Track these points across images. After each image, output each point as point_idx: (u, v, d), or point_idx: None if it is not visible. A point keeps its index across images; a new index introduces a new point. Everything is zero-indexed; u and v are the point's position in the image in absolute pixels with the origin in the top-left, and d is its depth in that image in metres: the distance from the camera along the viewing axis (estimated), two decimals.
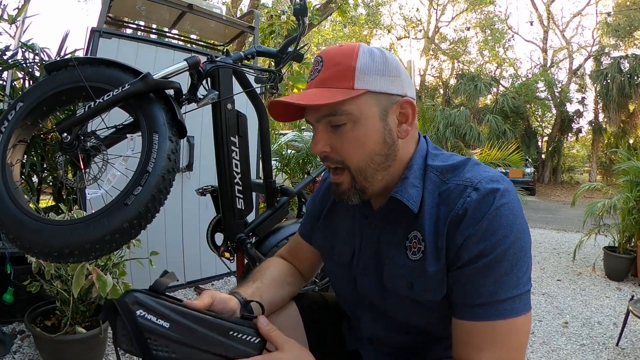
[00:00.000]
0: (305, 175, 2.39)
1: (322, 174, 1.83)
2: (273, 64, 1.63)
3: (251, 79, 1.61)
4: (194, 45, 3.60)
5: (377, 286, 0.84)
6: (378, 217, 0.83)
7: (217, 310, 0.77)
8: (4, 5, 2.51)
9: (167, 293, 0.73)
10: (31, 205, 1.54)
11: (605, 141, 15.74)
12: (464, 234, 0.70)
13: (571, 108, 16.21)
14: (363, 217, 0.88)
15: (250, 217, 1.65)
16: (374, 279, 0.84)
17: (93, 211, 1.09)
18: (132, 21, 3.93)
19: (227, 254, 1.60)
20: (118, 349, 0.66)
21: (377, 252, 0.84)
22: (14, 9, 2.58)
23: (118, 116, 1.29)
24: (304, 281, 1.08)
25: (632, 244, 3.58)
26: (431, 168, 0.78)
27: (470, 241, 0.70)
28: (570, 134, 17.01)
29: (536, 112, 17.26)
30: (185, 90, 1.34)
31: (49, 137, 2.20)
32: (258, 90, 1.68)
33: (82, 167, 1.21)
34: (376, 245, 0.84)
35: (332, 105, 0.72)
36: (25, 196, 1.35)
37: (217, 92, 1.41)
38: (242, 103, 1.63)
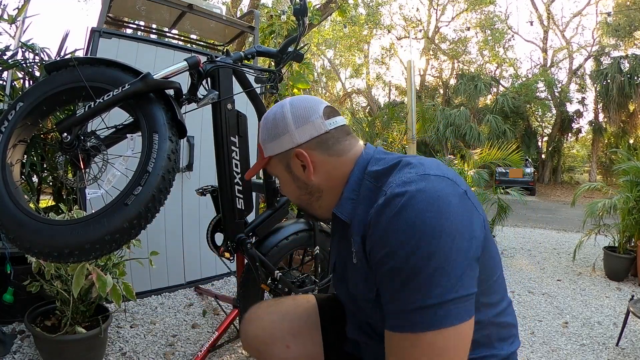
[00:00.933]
0: None
1: None
2: (273, 64, 1.63)
3: (251, 79, 1.61)
4: (194, 45, 3.60)
5: (347, 292, 0.91)
6: (335, 231, 0.95)
7: None
8: (4, 5, 2.51)
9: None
10: (31, 205, 1.54)
11: (605, 141, 15.73)
12: (370, 241, 0.73)
13: (571, 108, 16.23)
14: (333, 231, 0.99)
15: (250, 217, 1.65)
16: (344, 286, 0.91)
17: (93, 211, 1.09)
18: (132, 21, 3.93)
19: (227, 254, 1.60)
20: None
21: (343, 261, 0.91)
22: (14, 9, 2.58)
23: (118, 116, 1.29)
24: None
25: (632, 244, 3.58)
26: (367, 175, 0.82)
27: (374, 249, 0.71)
28: (570, 134, 17.01)
29: (536, 112, 17.25)
30: (185, 90, 1.34)
31: (49, 137, 2.20)
32: (258, 90, 1.68)
33: (82, 167, 1.21)
34: (342, 255, 0.92)
35: (263, 168, 0.96)
36: (25, 196, 1.35)
37: (217, 92, 1.41)
38: (242, 103, 1.63)
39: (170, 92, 1.26)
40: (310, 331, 0.99)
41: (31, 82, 2.41)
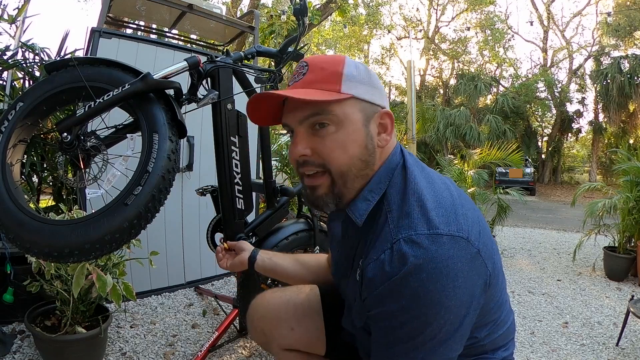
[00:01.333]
0: None
1: None
2: (273, 64, 1.63)
3: (251, 79, 1.61)
4: (194, 45, 3.60)
5: (344, 290, 0.90)
6: (346, 231, 0.87)
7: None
8: (4, 5, 2.51)
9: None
10: (31, 205, 1.54)
11: (605, 141, 15.73)
12: (367, 290, 0.70)
13: (571, 108, 16.22)
14: (340, 228, 0.92)
15: (250, 217, 1.65)
16: (344, 283, 0.89)
17: (93, 211, 1.09)
18: (132, 21, 3.93)
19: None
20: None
21: (347, 260, 0.87)
22: (14, 9, 2.58)
23: (118, 116, 1.29)
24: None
25: (632, 244, 3.58)
26: (386, 198, 0.74)
27: (370, 300, 0.70)
28: (570, 134, 17.01)
29: (536, 112, 17.25)
30: (185, 90, 1.34)
31: (49, 137, 2.20)
32: (258, 90, 1.68)
33: (82, 167, 1.21)
34: (346, 253, 0.87)
35: (318, 105, 0.72)
36: (25, 196, 1.35)
37: (217, 92, 1.41)
38: (242, 103, 1.63)
39: (170, 92, 1.26)
40: (312, 316, 1.03)
41: (31, 82, 2.41)
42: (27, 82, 2.44)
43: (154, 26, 3.61)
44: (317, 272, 1.15)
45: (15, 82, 2.44)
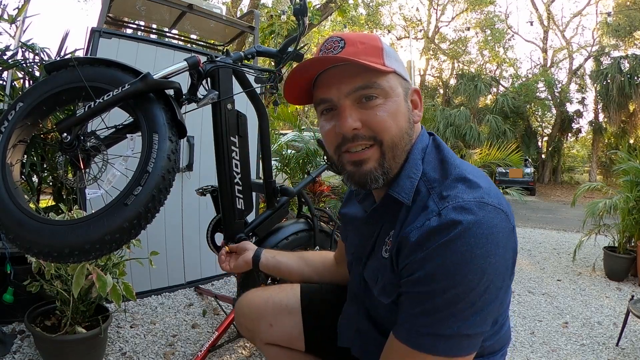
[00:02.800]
0: (305, 175, 2.39)
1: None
2: (273, 64, 1.63)
3: (251, 79, 1.61)
4: (194, 45, 3.60)
5: (360, 276, 0.89)
6: (377, 211, 0.85)
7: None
8: (4, 5, 2.51)
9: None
10: (31, 205, 1.54)
11: (605, 141, 15.73)
12: (409, 257, 0.68)
13: (571, 108, 16.24)
14: (366, 210, 0.91)
15: (250, 217, 1.65)
16: (359, 268, 0.89)
17: (93, 211, 1.09)
18: (132, 21, 3.93)
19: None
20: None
21: (372, 245, 0.85)
22: (14, 9, 2.58)
23: (118, 116, 1.29)
24: (340, 281, 1.14)
25: (632, 244, 3.58)
26: (423, 175, 0.75)
27: (412, 266, 0.68)
28: (570, 134, 17.01)
29: (536, 112, 17.25)
30: (185, 90, 1.34)
31: (49, 137, 2.20)
32: (258, 90, 1.68)
33: (82, 167, 1.21)
34: (373, 239, 0.86)
35: (367, 78, 0.72)
36: (25, 196, 1.35)
37: (217, 92, 1.41)
38: (242, 103, 1.63)
39: (170, 92, 1.26)
40: (290, 313, 1.08)
41: (31, 82, 2.41)
42: (27, 82, 2.44)
43: (154, 26, 3.61)
44: (321, 270, 1.17)
45: (15, 82, 2.44)
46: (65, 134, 1.16)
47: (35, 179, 2.44)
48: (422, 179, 0.74)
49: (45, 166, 2.41)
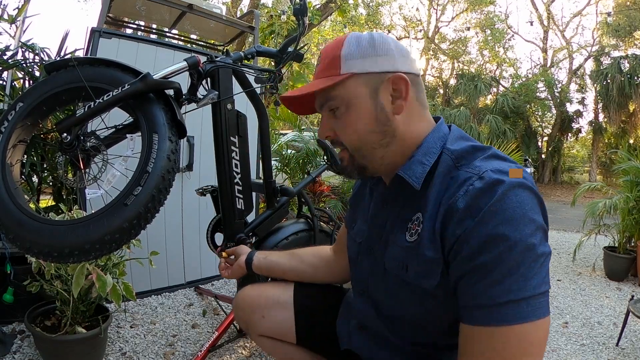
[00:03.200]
0: (305, 175, 2.39)
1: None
2: (273, 64, 1.63)
3: (251, 79, 1.61)
4: (194, 45, 3.60)
5: (378, 267, 0.85)
6: (388, 197, 0.85)
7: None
8: (4, 5, 2.51)
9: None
10: (31, 205, 1.54)
11: (605, 141, 15.73)
12: (462, 225, 0.66)
13: (571, 108, 16.20)
14: (378, 196, 0.90)
15: (250, 217, 1.65)
16: (377, 260, 0.85)
17: (93, 211, 1.09)
18: (132, 21, 3.93)
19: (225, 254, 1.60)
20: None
21: (385, 232, 0.84)
22: (14, 9, 2.58)
23: (118, 116, 1.29)
24: (337, 274, 1.15)
25: (632, 244, 3.58)
26: (447, 150, 0.75)
27: (469, 235, 0.65)
28: (570, 134, 16.99)
29: (536, 112, 17.23)
30: (185, 90, 1.34)
31: (49, 137, 2.20)
32: (258, 90, 1.68)
33: (82, 167, 1.21)
34: (385, 225, 0.84)
35: (324, 92, 0.78)
36: (25, 196, 1.35)
37: (217, 92, 1.41)
38: (242, 103, 1.63)
39: (170, 92, 1.26)
40: (282, 307, 1.12)
41: (31, 82, 2.41)
42: (27, 82, 2.44)
43: (154, 26, 3.61)
44: (315, 265, 1.17)
45: (15, 82, 2.44)
46: (65, 134, 1.16)
47: (35, 179, 2.43)
48: (448, 155, 0.75)
49: (45, 166, 2.41)
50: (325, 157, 1.18)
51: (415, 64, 0.80)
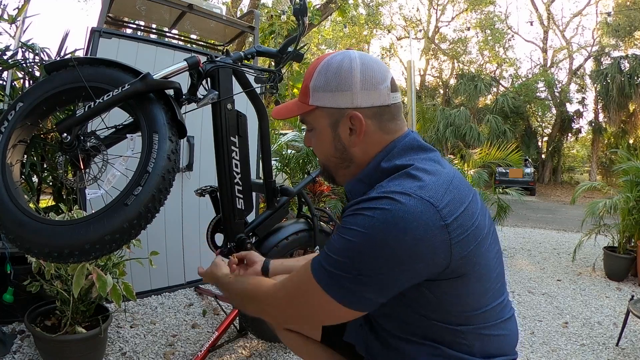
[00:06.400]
0: (305, 175, 2.39)
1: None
2: (273, 64, 1.63)
3: (251, 79, 1.61)
4: (194, 45, 3.60)
5: None
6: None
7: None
8: (4, 5, 2.51)
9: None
10: (31, 205, 1.54)
11: (605, 141, 15.73)
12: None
13: (571, 108, 16.21)
14: None
15: (250, 217, 1.65)
16: None
17: (93, 211, 1.09)
18: (132, 21, 3.93)
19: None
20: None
21: None
22: (14, 9, 2.58)
23: (118, 116, 1.29)
24: None
25: (632, 244, 3.58)
26: (380, 170, 0.82)
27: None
28: (570, 134, 16.99)
29: (536, 112, 17.24)
30: (185, 90, 1.34)
31: (49, 137, 2.20)
32: (258, 90, 1.68)
33: (82, 167, 1.21)
34: None
35: (301, 116, 0.89)
36: (25, 196, 1.35)
37: (217, 92, 1.41)
38: (242, 103, 1.63)
39: (170, 92, 1.26)
40: None
41: (31, 82, 2.41)
42: (27, 82, 2.44)
43: (154, 26, 3.61)
44: None
45: (15, 82, 2.44)
46: (65, 134, 1.16)
47: (35, 179, 2.43)
48: (379, 173, 0.82)
49: (45, 166, 2.41)
50: None
51: (384, 92, 0.83)
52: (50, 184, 2.50)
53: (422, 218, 0.69)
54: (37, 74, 2.42)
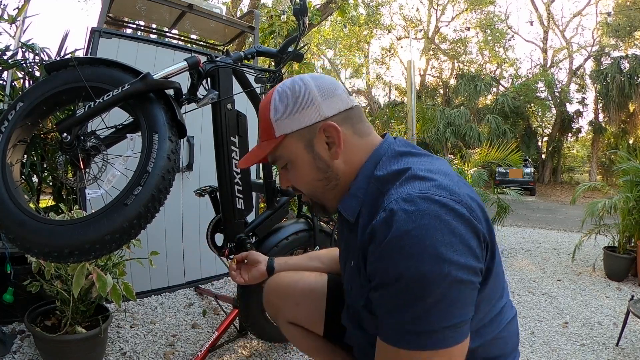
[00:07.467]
0: None
1: None
2: (273, 64, 1.63)
3: (251, 79, 1.61)
4: (194, 45, 3.60)
5: (345, 281, 0.93)
6: (340, 226, 0.93)
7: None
8: (4, 5, 2.51)
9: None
10: (31, 205, 1.54)
11: (605, 141, 15.73)
12: (372, 257, 0.69)
13: (571, 108, 16.22)
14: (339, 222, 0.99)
15: (250, 217, 1.65)
16: (343, 277, 0.94)
17: (93, 211, 1.09)
18: (132, 21, 3.93)
19: (227, 252, 1.60)
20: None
21: (342, 257, 0.94)
22: (14, 9, 2.58)
23: (118, 116, 1.29)
24: None
25: (632, 244, 3.58)
26: (374, 178, 0.78)
27: (374, 268, 0.69)
28: (570, 134, 17.00)
29: (536, 112, 17.24)
30: (185, 90, 1.34)
31: (49, 137, 2.20)
32: (258, 90, 1.68)
33: (82, 167, 1.21)
34: (347, 246, 0.91)
35: (270, 156, 0.85)
36: (25, 196, 1.35)
37: (217, 92, 1.41)
38: (242, 103, 1.63)
39: (170, 92, 1.26)
40: (316, 297, 1.12)
41: (31, 82, 2.41)
42: (27, 82, 2.44)
43: (154, 26, 3.61)
44: (331, 265, 1.21)
45: (15, 82, 2.44)
46: (65, 134, 1.16)
47: (35, 179, 2.44)
48: (374, 183, 0.77)
49: (45, 166, 2.41)
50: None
51: (343, 96, 0.81)
52: (50, 184, 2.50)
53: (447, 217, 0.64)
54: (37, 74, 2.42)
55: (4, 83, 2.33)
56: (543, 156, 17.03)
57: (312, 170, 0.82)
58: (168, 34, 3.49)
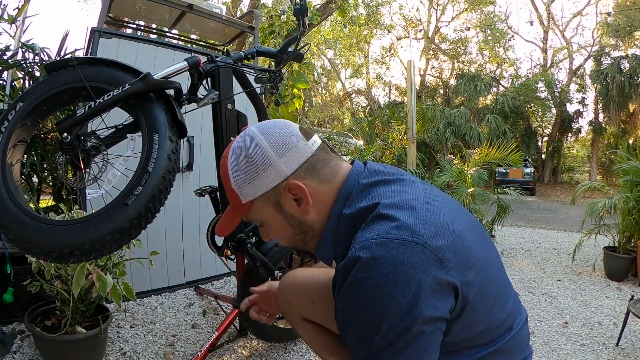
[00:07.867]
0: None
1: None
2: (273, 64, 1.63)
3: (251, 79, 1.61)
4: (194, 45, 3.60)
5: None
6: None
7: None
8: (4, 5, 2.51)
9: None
10: (31, 205, 1.54)
11: (605, 141, 15.73)
12: (334, 295, 0.73)
13: (571, 108, 16.21)
14: None
15: None
16: None
17: (93, 211, 1.09)
18: (132, 21, 3.93)
19: (228, 252, 1.60)
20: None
21: None
22: (14, 9, 2.58)
23: (118, 116, 1.29)
24: None
25: (632, 244, 3.58)
26: (343, 217, 0.77)
27: (336, 310, 0.73)
28: (570, 134, 17.00)
29: (536, 112, 17.24)
30: (185, 90, 1.34)
31: (49, 137, 2.20)
32: (258, 90, 1.68)
33: (82, 167, 1.21)
34: None
35: (245, 218, 0.85)
36: (25, 196, 1.35)
37: (217, 92, 1.41)
38: (242, 103, 1.63)
39: (171, 92, 1.26)
40: (332, 297, 1.07)
41: (31, 82, 2.41)
42: (27, 82, 2.44)
43: (154, 26, 3.61)
44: None
45: (15, 82, 2.44)
46: (65, 134, 1.16)
47: (35, 179, 2.43)
48: (343, 224, 0.77)
49: (45, 166, 2.41)
50: None
51: (300, 145, 0.77)
52: (50, 184, 2.50)
53: (415, 260, 0.64)
54: (37, 74, 2.42)
55: (4, 83, 2.33)
56: (543, 156, 17.02)
57: (287, 228, 0.82)
58: (168, 34, 3.49)
